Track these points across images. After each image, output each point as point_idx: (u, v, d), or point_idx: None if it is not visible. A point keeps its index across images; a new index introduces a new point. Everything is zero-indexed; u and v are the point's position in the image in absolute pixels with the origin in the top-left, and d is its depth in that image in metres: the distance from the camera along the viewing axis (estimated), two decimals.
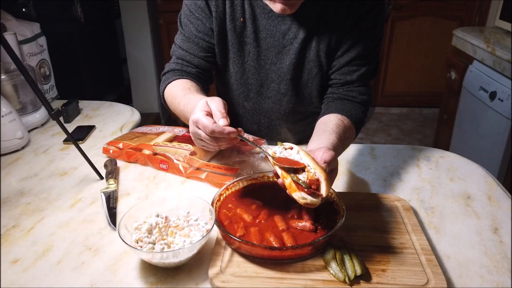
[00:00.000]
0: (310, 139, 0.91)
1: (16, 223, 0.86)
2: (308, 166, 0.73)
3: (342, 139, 0.91)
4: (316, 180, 0.71)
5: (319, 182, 0.71)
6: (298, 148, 0.77)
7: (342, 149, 0.94)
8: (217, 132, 0.77)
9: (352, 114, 1.01)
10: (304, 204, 0.70)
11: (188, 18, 1.07)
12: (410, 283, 0.67)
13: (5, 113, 1.14)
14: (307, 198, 0.69)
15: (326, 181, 0.70)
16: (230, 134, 0.77)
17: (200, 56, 1.09)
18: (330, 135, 0.89)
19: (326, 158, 0.74)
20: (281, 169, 0.74)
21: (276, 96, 1.12)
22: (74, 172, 1.06)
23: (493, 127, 2.02)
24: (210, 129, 0.77)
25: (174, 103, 1.03)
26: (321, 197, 0.70)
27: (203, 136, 0.80)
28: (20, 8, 2.66)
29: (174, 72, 1.09)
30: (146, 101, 3.55)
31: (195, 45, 1.08)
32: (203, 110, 0.80)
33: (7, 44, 0.90)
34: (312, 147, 0.84)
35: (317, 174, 0.71)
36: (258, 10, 1.03)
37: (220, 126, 0.77)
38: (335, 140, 0.87)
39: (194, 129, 0.82)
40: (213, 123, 0.77)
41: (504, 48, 1.97)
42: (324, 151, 0.75)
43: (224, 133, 0.77)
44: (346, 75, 1.05)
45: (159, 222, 0.76)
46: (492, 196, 0.96)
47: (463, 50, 2.32)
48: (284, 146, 0.80)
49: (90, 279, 0.71)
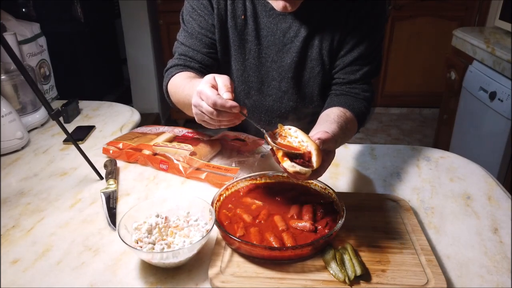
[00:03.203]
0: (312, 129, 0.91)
1: (16, 223, 0.86)
2: (302, 142, 0.75)
3: (343, 128, 0.91)
4: (308, 152, 0.72)
5: (311, 154, 0.72)
6: (296, 129, 0.79)
7: (343, 138, 0.92)
8: (219, 105, 0.74)
9: (355, 108, 1.01)
10: (293, 173, 0.71)
11: (191, 15, 1.07)
12: (410, 283, 0.67)
13: (5, 113, 1.14)
14: (296, 167, 0.70)
15: (317, 151, 0.72)
16: (232, 108, 0.74)
17: (203, 52, 1.08)
18: (331, 124, 0.89)
19: (320, 136, 0.76)
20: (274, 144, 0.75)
21: (277, 94, 1.12)
22: (74, 172, 1.06)
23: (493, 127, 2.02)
24: (212, 100, 0.74)
25: (177, 92, 1.01)
26: (312, 168, 0.71)
27: (204, 108, 0.77)
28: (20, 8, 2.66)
29: (177, 67, 1.08)
30: (146, 101, 3.54)
31: (198, 41, 1.07)
32: (209, 82, 0.77)
33: (7, 44, 0.90)
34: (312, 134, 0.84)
35: (309, 147, 0.73)
36: (260, 8, 1.04)
37: (223, 98, 0.74)
38: (335, 128, 0.87)
39: (197, 100, 0.79)
40: (217, 94, 0.75)
41: (504, 48, 1.97)
42: (322, 132, 0.77)
43: (226, 106, 0.74)
44: (349, 75, 1.05)
45: (159, 222, 0.76)
46: (492, 196, 0.96)
47: (463, 50, 2.32)
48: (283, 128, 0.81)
49: (90, 279, 0.71)
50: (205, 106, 0.76)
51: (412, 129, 3.66)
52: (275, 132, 0.81)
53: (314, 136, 0.76)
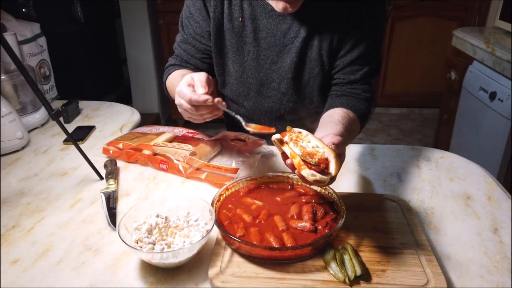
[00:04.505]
0: (316, 130, 0.91)
1: (16, 223, 0.86)
2: (317, 147, 0.73)
3: (348, 130, 0.91)
4: (325, 159, 0.71)
5: (327, 161, 0.71)
6: (307, 132, 0.78)
7: (348, 139, 0.93)
8: (194, 100, 0.81)
9: (357, 108, 1.02)
10: (313, 182, 0.69)
11: (188, 19, 1.10)
12: (410, 283, 0.67)
13: (5, 113, 1.14)
14: (316, 175, 0.68)
15: (336, 159, 0.70)
16: (207, 101, 0.81)
17: (197, 58, 1.13)
18: (336, 125, 0.90)
19: (334, 141, 0.75)
20: (290, 149, 0.73)
21: (277, 95, 1.12)
22: (74, 172, 1.06)
23: (493, 127, 2.02)
24: (188, 97, 0.82)
25: (172, 90, 1.08)
26: (330, 175, 0.70)
27: (184, 106, 0.84)
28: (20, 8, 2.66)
29: (174, 66, 1.15)
30: (146, 101, 3.54)
31: (191, 47, 1.12)
32: (186, 82, 0.85)
33: (7, 44, 0.90)
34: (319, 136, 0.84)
35: (326, 153, 0.71)
36: (259, 10, 1.04)
37: (197, 94, 0.82)
38: (341, 130, 0.88)
39: (178, 100, 0.86)
40: (192, 91, 0.82)
41: (504, 48, 1.97)
42: (332, 136, 0.77)
43: (200, 101, 0.81)
44: (349, 75, 1.05)
45: (159, 223, 0.76)
46: (492, 196, 0.96)
47: (463, 50, 2.32)
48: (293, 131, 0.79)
49: (90, 279, 0.71)
50: (185, 104, 0.84)
51: (412, 129, 3.66)
52: (285, 135, 0.78)
53: (326, 140, 0.75)
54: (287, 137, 0.77)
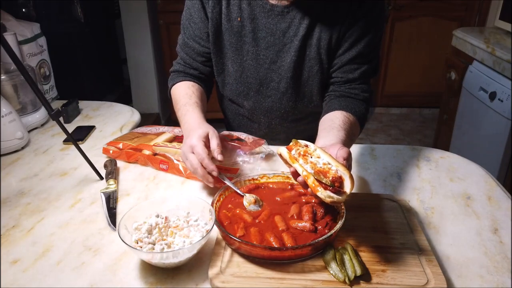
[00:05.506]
0: (318, 135, 0.92)
1: (16, 223, 0.86)
2: (329, 164, 0.72)
3: (350, 135, 0.92)
4: (339, 177, 0.70)
5: (341, 179, 0.70)
6: (315, 146, 0.77)
7: (350, 145, 0.95)
8: (205, 164, 0.87)
9: (357, 111, 1.02)
10: (330, 203, 0.69)
11: (189, 21, 1.11)
12: (410, 283, 0.67)
13: (5, 113, 1.14)
14: (333, 197, 0.68)
15: (351, 179, 0.70)
16: (212, 171, 0.87)
17: (198, 60, 1.14)
18: (338, 131, 0.90)
19: (344, 155, 0.75)
20: (302, 167, 0.73)
21: (276, 95, 1.12)
22: (74, 172, 1.06)
23: (493, 127, 2.02)
24: (201, 158, 0.88)
25: (175, 107, 1.10)
26: (346, 194, 0.69)
27: (191, 160, 0.89)
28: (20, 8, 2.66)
29: (178, 73, 1.16)
30: (146, 102, 3.54)
31: (191, 50, 1.13)
32: (202, 139, 0.90)
33: (7, 44, 0.90)
34: (322, 144, 0.84)
35: (340, 172, 0.70)
36: (258, 9, 1.04)
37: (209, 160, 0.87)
38: (344, 137, 0.88)
39: (187, 154, 0.91)
40: (207, 154, 0.88)
41: (504, 48, 1.97)
42: (339, 148, 0.76)
43: (208, 168, 0.87)
44: (347, 73, 1.05)
45: (159, 223, 0.76)
46: (492, 197, 0.96)
47: (463, 50, 2.32)
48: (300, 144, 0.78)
49: (90, 279, 0.71)
50: (193, 159, 0.89)
51: (412, 129, 3.66)
52: (291, 149, 0.77)
53: (333, 152, 0.75)
54: (294, 151, 0.76)
